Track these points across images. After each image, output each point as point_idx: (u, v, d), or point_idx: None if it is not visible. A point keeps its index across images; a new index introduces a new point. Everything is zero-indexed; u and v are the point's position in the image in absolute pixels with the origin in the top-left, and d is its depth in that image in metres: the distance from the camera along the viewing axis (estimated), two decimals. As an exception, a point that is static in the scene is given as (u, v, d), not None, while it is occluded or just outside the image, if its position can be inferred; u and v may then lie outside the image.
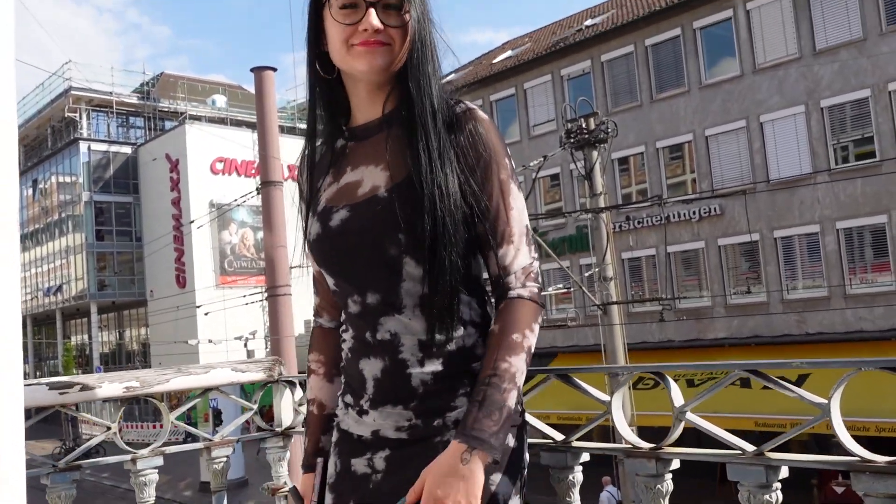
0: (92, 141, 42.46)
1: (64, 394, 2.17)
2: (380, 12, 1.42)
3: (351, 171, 1.50)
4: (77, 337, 48.09)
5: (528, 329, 1.38)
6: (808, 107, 19.71)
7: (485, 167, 1.42)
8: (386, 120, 1.49)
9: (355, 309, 1.46)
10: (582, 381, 1.89)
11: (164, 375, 2.37)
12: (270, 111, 13.54)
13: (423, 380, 1.40)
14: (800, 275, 20.17)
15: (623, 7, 25.43)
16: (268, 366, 2.63)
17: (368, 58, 1.42)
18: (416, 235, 1.37)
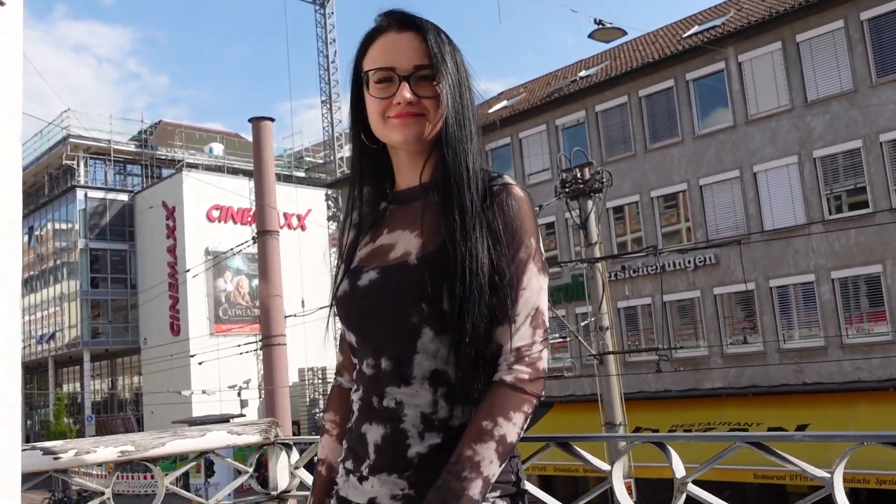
0: (89, 188, 42.64)
1: (58, 459, 2.14)
2: (413, 84, 1.46)
3: (387, 233, 1.52)
4: (69, 385, 47.67)
5: (503, 417, 1.33)
6: (800, 157, 19.90)
7: (508, 243, 1.41)
8: (425, 186, 1.51)
9: (368, 372, 1.46)
10: (581, 449, 1.87)
11: (160, 439, 2.34)
12: (268, 162, 13.64)
13: (420, 452, 1.39)
14: (796, 324, 20.16)
15: (617, 58, 25.81)
16: (264, 428, 2.60)
17: (403, 129, 1.46)
18: (438, 307, 1.37)
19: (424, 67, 1.46)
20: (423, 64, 1.46)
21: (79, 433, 40.91)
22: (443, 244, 1.40)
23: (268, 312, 14.10)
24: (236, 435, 2.52)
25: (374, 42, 1.51)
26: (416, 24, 1.49)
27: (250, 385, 35.71)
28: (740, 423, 19.06)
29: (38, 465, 2.13)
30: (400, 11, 1.51)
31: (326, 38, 41.55)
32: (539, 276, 1.42)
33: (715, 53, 21.30)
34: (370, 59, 1.50)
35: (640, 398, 20.85)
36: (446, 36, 1.51)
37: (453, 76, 1.48)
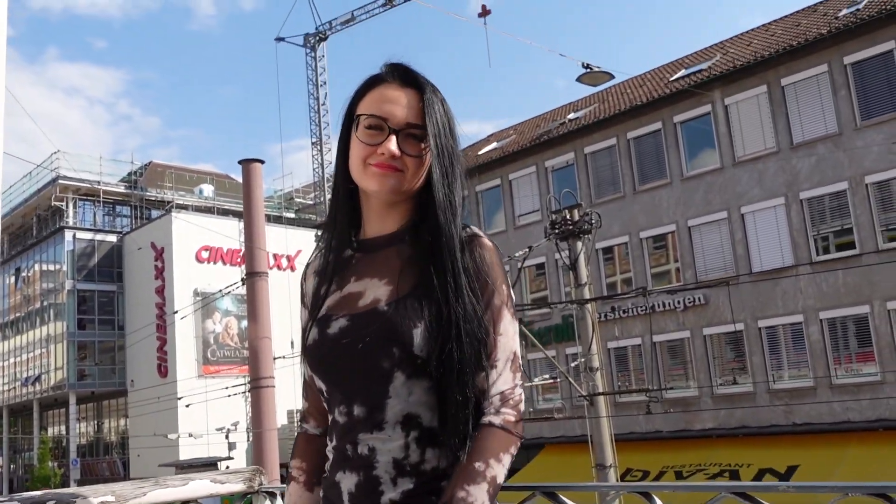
0: (77, 229, 42.51)
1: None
2: (401, 140, 1.49)
3: (355, 281, 1.53)
4: (54, 428, 47.03)
5: (494, 458, 1.36)
6: (787, 198, 20.08)
7: (481, 291, 1.44)
8: (395, 236, 1.54)
9: (341, 419, 1.47)
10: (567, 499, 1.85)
11: (142, 488, 2.30)
12: (257, 204, 13.65)
13: (392, 498, 1.39)
14: (785, 364, 20.16)
15: (605, 101, 26.11)
16: (248, 476, 2.57)
17: (381, 180, 1.48)
18: (409, 351, 1.39)
19: (416, 127, 1.49)
20: (415, 123, 1.49)
21: (63, 477, 40.27)
22: (411, 292, 1.43)
23: (256, 354, 13.99)
24: (220, 483, 2.48)
25: (373, 89, 1.54)
26: (418, 83, 1.53)
27: (238, 427, 35.30)
28: (730, 465, 18.95)
29: (16, 517, 2.09)
30: (405, 67, 1.55)
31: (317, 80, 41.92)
32: (513, 322, 1.47)
33: (702, 96, 21.59)
34: (366, 103, 1.53)
35: (631, 439, 20.74)
36: (441, 98, 1.55)
37: (445, 142, 1.51)
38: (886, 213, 18.77)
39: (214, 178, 48.27)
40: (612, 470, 14.52)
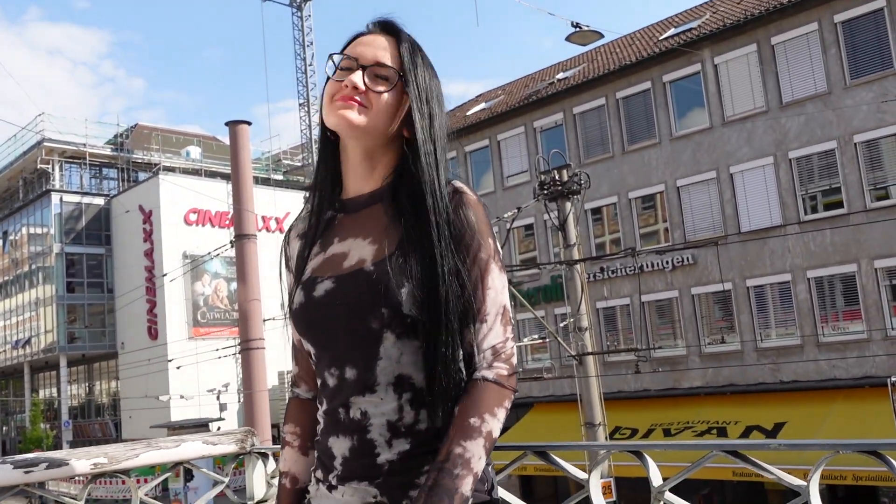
0: (64, 192, 42.18)
1: (29, 472, 2.11)
2: (368, 78, 1.47)
3: (338, 242, 1.51)
4: (45, 391, 47.15)
5: (489, 413, 1.34)
6: (776, 158, 20.08)
7: (467, 246, 1.42)
8: (377, 194, 1.51)
9: (332, 382, 1.45)
10: (558, 458, 1.86)
11: (134, 450, 2.31)
12: (245, 165, 13.55)
13: (389, 459, 1.39)
14: (773, 323, 20.33)
15: (594, 61, 25.92)
16: (240, 437, 2.58)
17: (342, 112, 1.45)
18: (398, 311, 1.37)
19: (386, 67, 1.48)
20: (385, 63, 1.48)
21: (55, 439, 40.47)
22: (396, 250, 1.42)
23: (246, 316, 14.00)
24: (212, 445, 2.49)
25: (354, 40, 1.54)
26: (395, 31, 1.53)
27: (229, 389, 35.49)
28: (718, 422, 19.19)
29: (9, 479, 2.11)
30: (386, 19, 1.55)
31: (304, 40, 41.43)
32: (501, 275, 1.44)
33: (691, 55, 21.45)
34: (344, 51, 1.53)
35: (620, 398, 20.95)
36: (421, 50, 1.54)
37: (422, 85, 1.50)
38: (874, 172, 18.80)
39: (201, 140, 47.85)
40: (602, 428, 14.69)
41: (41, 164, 43.09)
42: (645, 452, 1.69)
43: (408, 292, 1.38)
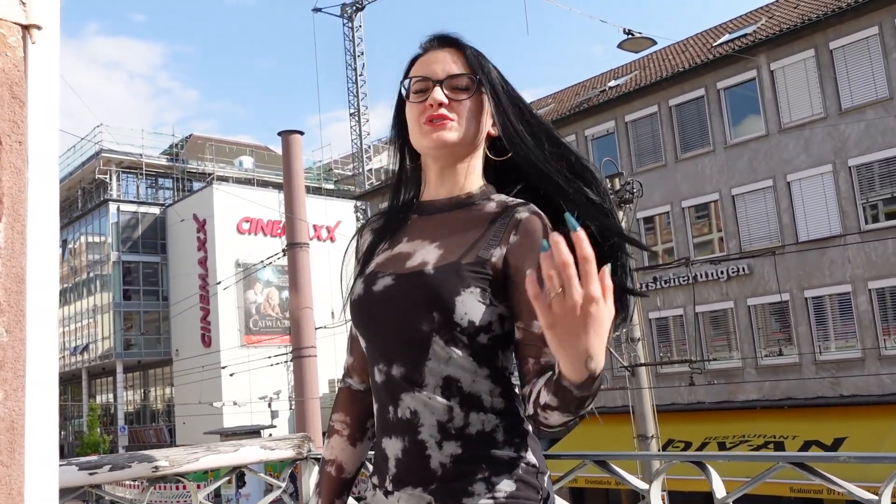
0: (121, 202, 43.21)
1: (93, 474, 2.16)
2: (447, 90, 1.52)
3: (406, 241, 1.54)
4: (102, 396, 48.23)
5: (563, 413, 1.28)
6: (835, 166, 19.64)
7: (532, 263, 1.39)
8: (453, 201, 1.55)
9: (380, 378, 1.47)
10: (618, 467, 1.84)
11: (194, 454, 2.34)
12: (297, 175, 13.73)
13: (442, 462, 1.39)
14: (832, 335, 19.84)
15: (646, 68, 25.69)
16: (297, 443, 2.60)
17: (435, 134, 1.50)
18: (449, 317, 1.38)
19: (458, 77, 1.52)
20: (457, 73, 1.52)
21: (112, 444, 41.33)
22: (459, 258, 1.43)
23: (298, 324, 14.16)
24: (269, 450, 2.52)
25: (417, 61, 1.58)
26: (455, 43, 1.57)
27: (280, 396, 35.87)
28: (775, 436, 18.77)
29: (74, 481, 2.15)
30: (441, 34, 1.59)
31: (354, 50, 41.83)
32: None
33: (746, 62, 21.11)
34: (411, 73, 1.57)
35: (673, 410, 20.63)
36: (483, 54, 1.58)
37: (496, 81, 1.55)
38: (938, 180, 18.28)
39: (254, 150, 48.63)
40: (654, 440, 14.49)
41: (99, 175, 44.21)
42: (708, 463, 1.66)
43: (462, 301, 1.38)
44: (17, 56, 1.04)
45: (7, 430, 0.98)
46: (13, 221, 1.03)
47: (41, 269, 1.09)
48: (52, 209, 1.10)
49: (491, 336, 1.42)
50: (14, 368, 1.01)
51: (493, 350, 1.42)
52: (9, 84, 1.04)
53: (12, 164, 1.04)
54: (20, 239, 1.04)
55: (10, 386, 1.00)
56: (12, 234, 1.03)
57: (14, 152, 1.05)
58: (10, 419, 0.99)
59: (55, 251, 1.12)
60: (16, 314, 1.03)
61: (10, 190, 1.03)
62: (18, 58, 1.05)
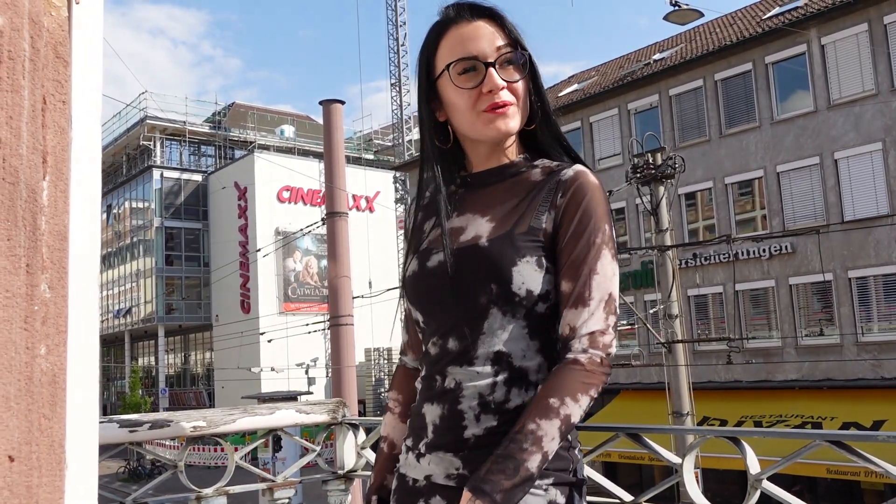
0: (164, 168, 43.76)
1: (133, 432, 2.21)
2: (499, 70, 1.46)
3: (457, 216, 1.52)
4: (144, 359, 49.24)
5: (571, 397, 1.32)
6: (885, 144, 19.16)
7: (583, 228, 1.41)
8: (499, 172, 1.53)
9: (434, 351, 1.48)
10: (651, 441, 1.83)
11: (231, 416, 2.39)
12: (338, 144, 13.74)
13: (476, 434, 1.40)
14: (875, 317, 19.50)
15: (692, 41, 25.22)
16: (332, 408, 2.63)
17: (500, 123, 1.46)
18: (507, 288, 1.39)
19: (506, 51, 1.46)
20: (508, 51, 1.46)
21: (153, 405, 42.26)
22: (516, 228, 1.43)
23: (336, 293, 14.26)
24: (305, 414, 2.56)
25: (446, 35, 1.50)
26: (489, 12, 1.49)
27: (317, 363, 36.32)
28: (813, 417, 18.57)
29: (115, 437, 2.21)
30: (468, 2, 1.50)
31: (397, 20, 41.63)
32: (612, 263, 1.42)
33: (796, 36, 20.61)
34: (446, 51, 1.49)
35: (709, 388, 20.48)
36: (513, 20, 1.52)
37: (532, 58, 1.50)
38: None
39: (295, 119, 48.83)
40: (689, 418, 14.41)
41: (143, 141, 44.78)
42: (742, 439, 1.65)
43: (519, 271, 1.39)
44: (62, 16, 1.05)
45: (49, 384, 1.00)
46: (56, 180, 1.04)
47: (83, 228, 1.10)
48: (95, 169, 1.11)
49: (549, 304, 1.42)
50: (56, 324, 1.03)
51: (550, 320, 1.42)
52: (53, 44, 1.05)
53: (56, 123, 1.05)
54: (63, 197, 1.06)
55: (52, 341, 1.02)
56: (55, 193, 1.04)
57: (58, 111, 1.06)
58: (52, 373, 1.01)
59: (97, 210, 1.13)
60: (58, 271, 1.05)
61: (53, 149, 1.04)
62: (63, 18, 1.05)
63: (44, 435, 0.98)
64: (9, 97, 0.97)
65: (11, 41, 0.97)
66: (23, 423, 0.94)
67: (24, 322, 0.96)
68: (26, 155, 1.00)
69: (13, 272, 0.96)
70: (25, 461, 0.93)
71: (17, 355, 0.95)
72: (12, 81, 0.97)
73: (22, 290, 0.97)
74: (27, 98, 1.00)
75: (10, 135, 0.97)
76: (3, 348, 0.93)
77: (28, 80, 1.00)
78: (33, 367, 0.98)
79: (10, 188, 0.97)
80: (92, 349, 1.09)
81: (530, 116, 1.52)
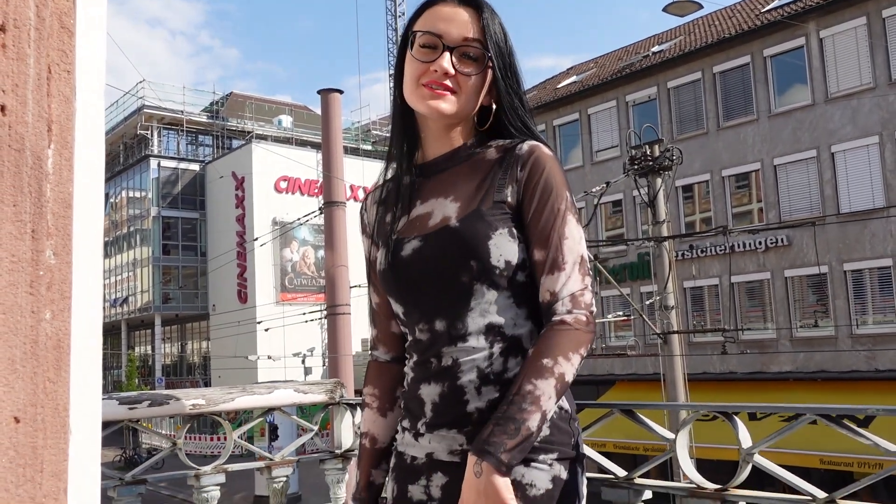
0: (162, 158, 43.63)
1: (133, 409, 2.23)
2: (456, 58, 1.48)
3: (420, 204, 1.54)
4: (140, 348, 49.23)
5: (563, 356, 1.36)
6: (882, 138, 19.19)
7: (547, 197, 1.44)
8: (455, 156, 1.55)
9: (423, 337, 1.49)
10: (645, 417, 1.86)
11: (230, 394, 2.41)
12: (336, 133, 13.74)
13: (479, 407, 1.41)
14: (870, 309, 19.57)
15: (691, 33, 25.20)
16: (329, 388, 2.66)
17: (433, 102, 1.47)
18: (487, 263, 1.41)
19: (472, 45, 1.48)
20: (471, 38, 1.48)
21: (150, 394, 42.22)
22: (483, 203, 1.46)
23: (333, 282, 14.27)
24: (303, 394, 2.58)
25: (430, 8, 1.52)
26: (475, 4, 1.51)
27: (314, 353, 36.33)
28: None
29: (114, 414, 2.22)
30: None
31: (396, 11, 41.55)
32: (578, 227, 1.46)
33: (795, 29, 20.61)
34: (421, 22, 1.52)
35: (704, 379, 20.55)
36: (499, 19, 1.53)
37: (505, 55, 1.51)
38: None
39: (292, 109, 48.71)
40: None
41: (141, 130, 44.64)
42: (734, 415, 1.67)
43: (494, 244, 1.41)
44: (67, -14, 1.07)
45: (54, 348, 1.02)
46: (61, 148, 1.06)
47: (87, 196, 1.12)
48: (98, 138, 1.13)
49: (527, 272, 1.46)
50: (60, 290, 1.04)
51: (531, 287, 1.46)
52: (58, 14, 1.06)
53: (61, 92, 1.06)
54: (67, 165, 1.07)
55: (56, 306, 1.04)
56: (60, 161, 1.06)
57: (62, 81, 1.07)
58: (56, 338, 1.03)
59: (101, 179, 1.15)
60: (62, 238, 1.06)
61: (58, 118, 1.06)
62: (68, -13, 1.07)
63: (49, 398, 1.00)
64: (14, 65, 0.98)
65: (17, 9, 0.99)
66: (28, 386, 0.96)
67: (30, 287, 0.98)
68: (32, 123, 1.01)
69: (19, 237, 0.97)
70: (31, 423, 0.95)
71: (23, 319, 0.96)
72: (18, 50, 0.99)
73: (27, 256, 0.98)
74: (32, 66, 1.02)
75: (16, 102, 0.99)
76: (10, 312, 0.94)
77: (34, 48, 1.02)
78: (38, 331, 0.99)
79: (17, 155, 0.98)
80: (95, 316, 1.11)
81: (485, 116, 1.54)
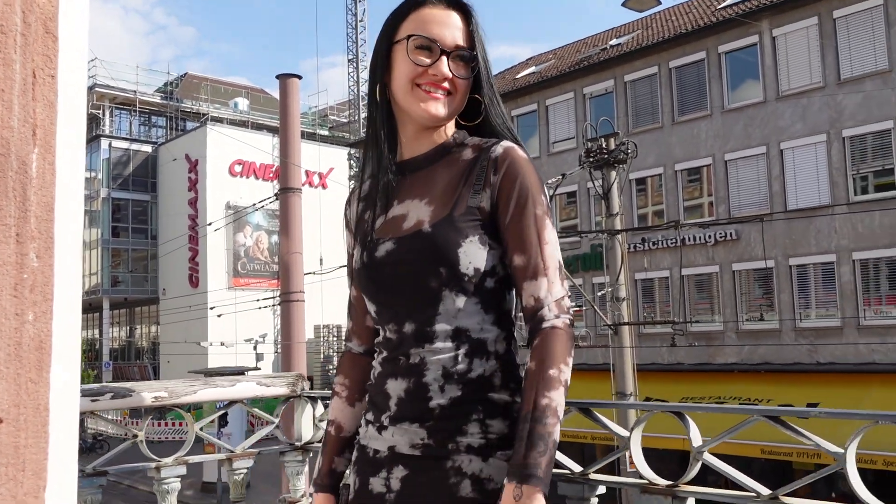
0: (113, 138, 42.77)
1: (95, 401, 2.23)
2: (450, 62, 1.53)
3: (397, 204, 1.57)
4: (88, 331, 48.33)
5: (563, 363, 1.41)
6: (829, 136, 19.66)
7: (524, 203, 1.48)
8: (432, 156, 1.58)
9: (393, 337, 1.53)
10: (601, 415, 1.93)
11: (192, 387, 2.42)
12: (294, 119, 13.64)
13: (441, 404, 1.46)
14: (813, 303, 20.08)
15: (649, 28, 25.48)
16: (291, 381, 2.69)
17: (430, 105, 1.52)
18: (456, 270, 1.45)
19: (463, 49, 1.54)
20: (463, 46, 1.54)
21: (95, 379, 41.57)
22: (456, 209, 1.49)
23: (287, 269, 14.21)
24: (265, 386, 2.60)
25: (419, 10, 1.55)
26: (463, 8, 1.56)
27: (266, 339, 36.08)
28: (751, 399, 19.11)
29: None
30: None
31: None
32: (553, 231, 1.51)
33: (749, 26, 20.97)
34: (411, 24, 1.55)
35: (653, 370, 20.90)
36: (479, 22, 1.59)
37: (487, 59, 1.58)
38: (930, 156, 18.34)
39: (249, 92, 48.09)
40: (633, 398, 14.73)
41: (92, 110, 43.68)
42: (687, 414, 1.75)
43: (465, 252, 1.45)
44: (52, -8, 1.08)
45: (36, 350, 1.03)
46: (44, 152, 1.07)
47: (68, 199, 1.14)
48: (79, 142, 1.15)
49: (496, 279, 1.50)
50: (43, 292, 1.06)
51: (500, 293, 1.51)
52: (43, 19, 1.07)
53: (45, 97, 1.08)
54: (50, 169, 1.09)
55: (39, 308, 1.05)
56: (43, 165, 1.07)
57: (46, 86, 1.08)
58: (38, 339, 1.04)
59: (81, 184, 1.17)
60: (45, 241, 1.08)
61: (42, 122, 1.07)
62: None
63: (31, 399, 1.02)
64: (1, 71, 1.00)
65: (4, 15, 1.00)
66: (11, 387, 0.98)
67: (14, 290, 0.99)
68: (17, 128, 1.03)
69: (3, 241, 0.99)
70: (13, 423, 0.97)
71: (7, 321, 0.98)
72: (4, 55, 1.00)
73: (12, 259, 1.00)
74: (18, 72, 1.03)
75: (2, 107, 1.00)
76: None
77: (20, 54, 1.03)
78: (22, 332, 1.01)
79: (2, 160, 1.00)
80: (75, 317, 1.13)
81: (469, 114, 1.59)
